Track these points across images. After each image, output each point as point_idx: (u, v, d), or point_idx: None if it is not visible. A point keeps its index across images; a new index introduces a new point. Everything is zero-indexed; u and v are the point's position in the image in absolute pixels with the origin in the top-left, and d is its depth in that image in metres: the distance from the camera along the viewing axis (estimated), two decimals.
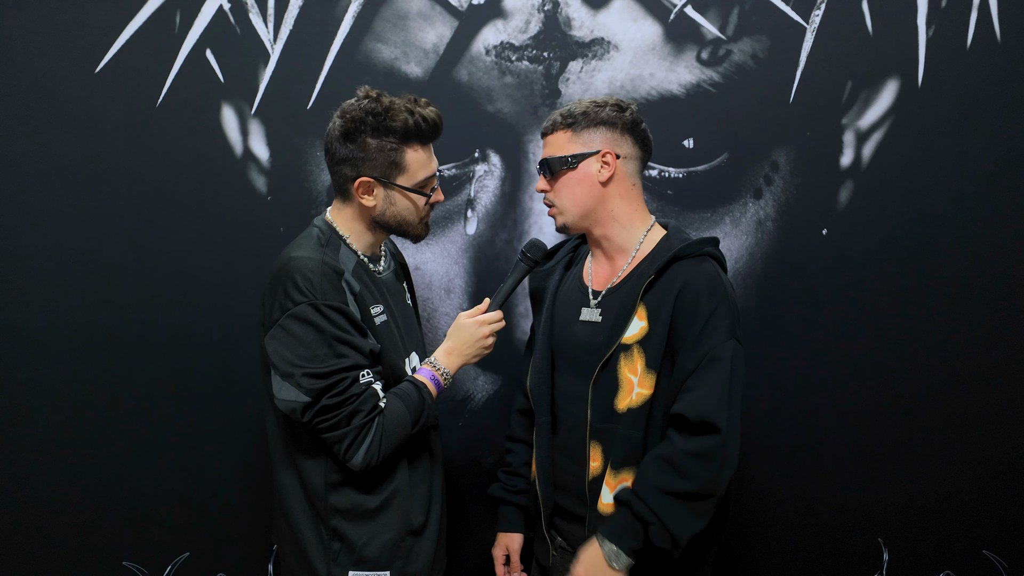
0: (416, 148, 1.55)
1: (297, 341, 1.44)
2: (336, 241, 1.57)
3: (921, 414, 2.05)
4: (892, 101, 1.99)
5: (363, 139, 1.51)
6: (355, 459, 1.47)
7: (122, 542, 2.10)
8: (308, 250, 1.52)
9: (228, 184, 2.04)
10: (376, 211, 1.57)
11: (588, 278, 1.69)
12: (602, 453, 1.58)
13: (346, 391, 1.45)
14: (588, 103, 1.62)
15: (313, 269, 1.46)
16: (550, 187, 1.64)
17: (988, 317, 2.02)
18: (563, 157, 1.60)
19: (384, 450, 1.48)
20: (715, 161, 2.03)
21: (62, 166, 2.01)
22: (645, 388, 1.54)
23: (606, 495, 1.57)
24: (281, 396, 1.47)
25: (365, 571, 1.55)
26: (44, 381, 2.05)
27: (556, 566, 1.70)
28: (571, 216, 1.62)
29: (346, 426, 1.45)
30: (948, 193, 2.00)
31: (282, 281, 1.47)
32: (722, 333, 1.49)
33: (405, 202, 1.57)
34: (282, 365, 1.45)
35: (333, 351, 1.45)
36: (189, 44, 2.00)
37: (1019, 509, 2.06)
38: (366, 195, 1.55)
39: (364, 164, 1.52)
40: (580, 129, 1.60)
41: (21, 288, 2.03)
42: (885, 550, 2.10)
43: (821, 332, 2.04)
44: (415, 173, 1.55)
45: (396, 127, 1.50)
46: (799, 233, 2.03)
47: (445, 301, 2.08)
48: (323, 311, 1.44)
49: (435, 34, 2.02)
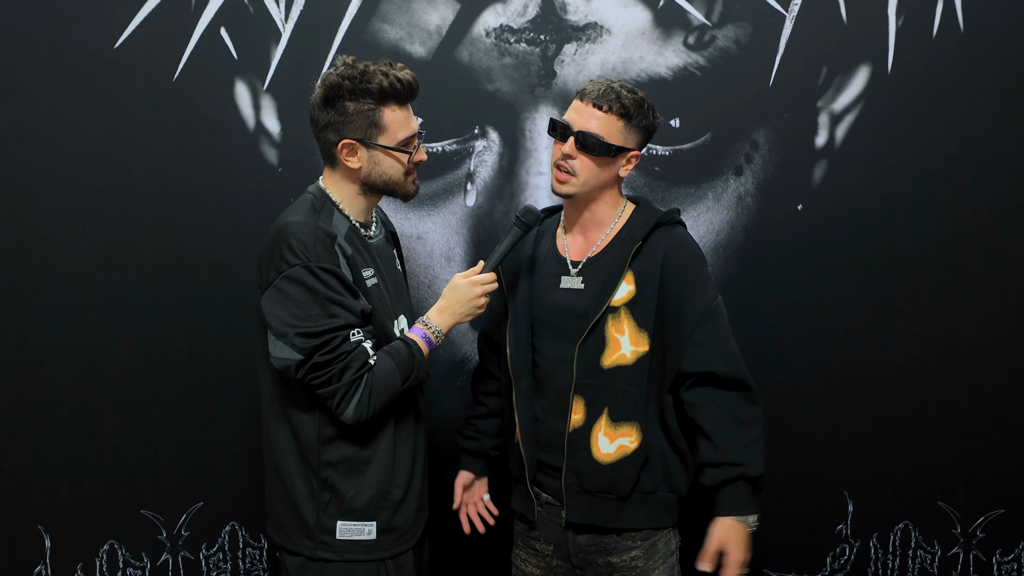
0: (394, 108, 1.60)
1: (291, 302, 1.51)
2: (329, 207, 1.63)
3: (883, 377, 2.18)
4: (864, 86, 2.12)
5: (342, 103, 1.57)
6: (346, 413, 1.53)
7: (140, 492, 2.20)
8: (302, 215, 1.58)
9: (241, 156, 2.14)
10: (362, 173, 1.62)
11: (565, 250, 1.79)
12: (584, 406, 1.70)
13: (336, 349, 1.51)
14: (641, 97, 1.65)
15: (307, 233, 1.53)
16: (576, 155, 1.64)
17: (947, 285, 2.15)
18: (610, 145, 1.63)
19: (374, 405, 1.55)
20: (699, 140, 2.15)
21: (83, 137, 2.09)
22: (640, 346, 1.67)
23: (605, 445, 1.69)
24: (276, 354, 1.53)
25: (353, 521, 1.62)
26: (65, 340, 2.14)
27: (542, 521, 1.80)
28: (583, 190, 1.68)
29: (337, 382, 1.52)
30: (914, 171, 2.13)
31: (278, 245, 1.53)
32: (712, 287, 1.68)
33: (389, 160, 1.62)
34: (277, 325, 1.52)
35: (325, 311, 1.51)
36: (204, 22, 2.09)
37: (969, 464, 2.20)
38: (351, 157, 1.61)
39: (345, 127, 1.58)
40: (631, 125, 1.65)
41: (42, 252, 2.12)
42: (850, 502, 2.24)
43: (795, 300, 2.17)
44: (395, 133, 1.61)
45: (372, 88, 1.56)
46: (776, 208, 2.16)
47: (446, 268, 2.21)
48: (316, 273, 1.50)
49: (438, 16, 2.13)
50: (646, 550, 1.71)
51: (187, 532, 2.23)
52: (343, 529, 1.63)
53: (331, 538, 1.63)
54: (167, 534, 2.23)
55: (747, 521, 1.65)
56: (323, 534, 1.63)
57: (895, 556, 2.25)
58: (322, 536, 1.63)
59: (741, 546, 1.65)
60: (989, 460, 2.21)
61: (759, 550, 2.23)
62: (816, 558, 2.26)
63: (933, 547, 2.25)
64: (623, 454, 1.69)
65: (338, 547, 1.63)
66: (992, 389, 2.18)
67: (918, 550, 2.25)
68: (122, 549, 2.22)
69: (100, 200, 2.12)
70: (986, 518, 2.23)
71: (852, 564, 2.26)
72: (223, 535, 2.25)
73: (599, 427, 1.69)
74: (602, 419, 1.69)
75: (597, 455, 1.70)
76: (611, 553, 1.71)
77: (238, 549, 2.27)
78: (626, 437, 1.68)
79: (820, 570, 2.26)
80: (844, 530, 2.25)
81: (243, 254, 2.13)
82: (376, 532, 1.64)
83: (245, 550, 2.27)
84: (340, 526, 1.62)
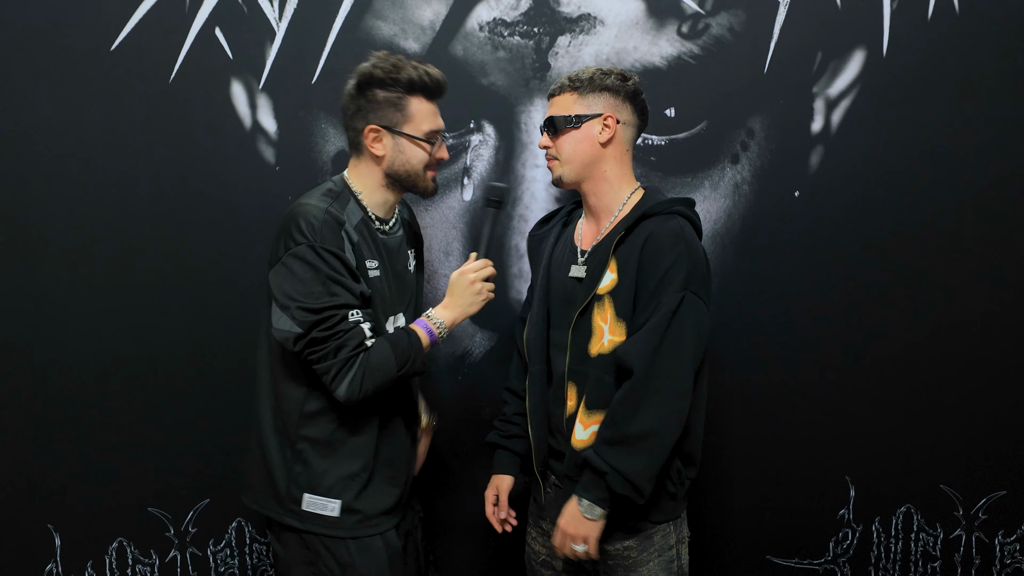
0: (421, 100, 1.69)
1: (296, 277, 1.59)
2: (347, 195, 1.71)
3: (882, 362, 2.19)
4: (859, 71, 2.12)
5: (372, 91, 1.67)
6: (339, 390, 1.60)
7: (147, 490, 2.23)
8: (316, 199, 1.66)
9: (238, 155, 2.15)
10: (386, 161, 1.70)
11: (578, 238, 1.83)
12: (576, 393, 1.73)
13: (334, 327, 1.59)
14: (595, 70, 1.73)
15: (316, 216, 1.61)
16: (552, 143, 1.75)
17: (946, 269, 2.15)
18: (568, 116, 1.72)
19: (367, 385, 1.60)
20: (695, 129, 2.15)
21: (81, 139, 2.11)
22: (617, 335, 1.67)
23: (580, 432, 1.70)
24: (277, 326, 1.61)
25: (319, 496, 1.70)
26: (68, 340, 2.16)
27: (551, 503, 1.83)
28: (568, 169, 1.74)
29: (332, 358, 1.59)
30: (910, 155, 2.12)
31: (288, 224, 1.62)
32: (676, 285, 1.59)
33: (413, 150, 1.70)
34: (281, 297, 1.60)
35: (327, 289, 1.59)
36: (199, 23, 2.11)
37: (970, 446, 2.21)
38: (376, 144, 1.69)
39: (373, 113, 1.67)
40: (586, 93, 1.72)
41: (43, 255, 2.14)
42: (852, 487, 2.25)
43: (793, 286, 2.17)
44: (420, 124, 1.69)
45: (402, 78, 1.66)
46: (773, 195, 2.16)
47: (444, 263, 2.22)
48: (320, 253, 1.59)
49: (431, 11, 2.13)
50: (640, 541, 1.72)
51: (194, 529, 2.26)
52: (309, 501, 1.70)
53: (297, 507, 1.71)
54: (175, 531, 2.26)
55: (581, 503, 1.63)
56: (291, 502, 1.71)
57: (898, 540, 2.26)
58: (290, 504, 1.71)
59: (566, 517, 1.66)
60: (990, 442, 2.21)
61: (762, 536, 2.26)
62: (819, 543, 2.27)
63: (935, 530, 2.25)
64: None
65: (303, 516, 1.71)
66: (992, 372, 2.19)
67: (920, 533, 2.26)
68: (131, 546, 2.25)
69: (99, 201, 2.14)
70: (988, 500, 2.23)
71: (855, 548, 2.27)
72: (230, 531, 2.28)
73: (579, 414, 1.71)
74: (581, 405, 1.71)
75: (574, 441, 1.71)
76: (604, 540, 1.72)
77: (245, 545, 2.29)
78: (597, 424, 1.68)
79: (823, 555, 2.28)
80: (846, 515, 2.26)
81: (242, 252, 2.15)
82: (339, 511, 1.70)
83: (252, 546, 2.30)
84: (307, 498, 1.70)
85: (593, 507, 1.63)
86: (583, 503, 1.64)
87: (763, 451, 2.24)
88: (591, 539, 1.64)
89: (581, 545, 1.65)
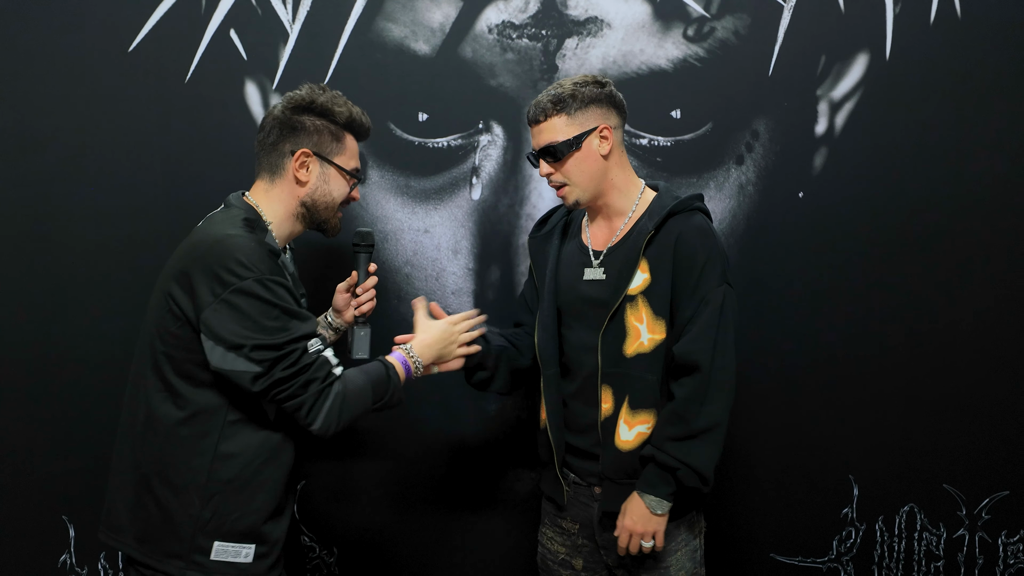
0: (351, 138, 1.69)
1: (244, 315, 1.46)
2: (262, 225, 1.61)
3: (886, 361, 2.20)
4: (862, 74, 2.14)
5: (311, 117, 1.63)
6: (315, 424, 1.52)
7: None
8: (239, 230, 1.54)
9: (252, 155, 2.17)
10: (308, 188, 1.63)
11: (588, 241, 1.84)
12: (612, 395, 1.74)
13: (298, 362, 1.49)
14: (569, 85, 1.71)
15: (253, 249, 1.50)
16: (555, 170, 1.73)
17: (948, 269, 2.17)
18: (567, 140, 1.69)
19: (344, 418, 1.53)
20: (700, 130, 2.18)
21: (98, 139, 2.16)
22: (657, 333, 1.70)
23: (624, 432, 1.73)
24: (224, 367, 1.47)
25: (231, 543, 1.55)
26: (84, 337, 2.20)
27: (571, 501, 1.84)
28: (583, 191, 1.74)
29: (304, 393, 1.50)
30: (913, 158, 2.15)
31: (220, 258, 1.48)
32: (715, 279, 1.67)
33: (338, 181, 1.66)
34: (231, 338, 1.46)
35: (282, 323, 1.49)
36: (214, 25, 2.15)
37: (975, 446, 2.22)
38: (302, 169, 1.62)
39: (307, 138, 1.62)
40: (574, 111, 1.70)
41: (59, 252, 2.18)
42: (855, 486, 2.26)
43: (797, 286, 2.19)
44: (349, 159, 1.68)
45: (340, 112, 1.65)
46: (777, 196, 2.18)
47: (453, 261, 2.25)
48: (268, 285, 1.48)
49: (441, 14, 2.17)
50: (668, 533, 1.74)
51: None
52: (219, 550, 1.55)
53: (205, 559, 1.54)
54: None
55: (646, 500, 1.67)
56: (197, 553, 1.54)
57: (901, 539, 2.28)
58: (195, 556, 1.54)
59: (633, 516, 1.68)
60: (994, 442, 2.22)
61: (765, 534, 2.27)
62: (822, 542, 2.28)
63: (938, 529, 2.27)
64: (641, 440, 1.72)
65: (211, 568, 1.54)
66: (996, 371, 2.20)
67: (924, 532, 2.27)
68: None
69: (114, 200, 2.18)
70: (991, 500, 2.25)
71: (858, 547, 2.28)
72: None
73: (622, 415, 1.73)
74: (624, 407, 1.73)
75: (619, 443, 1.74)
76: None
77: None
78: (644, 424, 1.72)
79: (826, 554, 2.29)
80: (850, 513, 2.27)
81: None
82: (253, 556, 1.57)
83: None
84: (217, 547, 1.55)
85: (662, 503, 1.67)
86: (650, 500, 1.67)
87: (767, 450, 2.25)
88: (660, 533, 1.69)
89: (649, 541, 1.69)
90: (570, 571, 1.86)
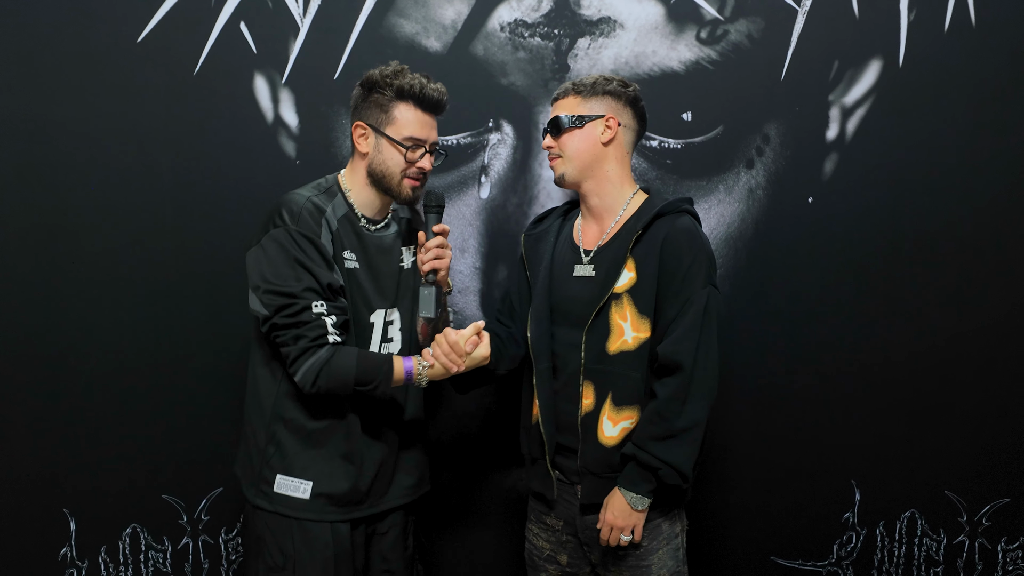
0: (410, 107, 1.73)
1: (268, 260, 1.65)
2: (335, 190, 1.78)
3: (890, 367, 2.21)
4: (875, 80, 2.14)
5: (369, 92, 1.75)
6: (296, 376, 1.66)
7: (161, 478, 2.25)
8: (304, 190, 1.75)
9: (260, 149, 2.17)
10: (368, 159, 1.76)
11: (579, 239, 1.86)
12: (594, 391, 1.77)
13: (296, 315, 1.64)
14: (598, 76, 1.81)
15: (298, 203, 1.69)
16: (555, 143, 1.81)
17: (955, 277, 2.18)
18: (571, 116, 1.78)
19: (321, 382, 1.64)
20: (711, 133, 2.18)
21: (107, 129, 2.14)
22: (641, 332, 1.73)
23: (608, 428, 1.75)
24: (251, 306, 1.69)
25: (291, 477, 1.74)
26: (89, 330, 2.19)
27: (557, 498, 1.86)
28: (571, 167, 1.79)
29: (292, 345, 1.65)
30: (924, 165, 2.15)
31: (272, 210, 1.69)
32: (700, 280, 1.70)
33: (391, 151, 1.73)
34: (253, 278, 1.68)
35: (294, 273, 1.64)
36: (224, 17, 2.13)
37: (976, 454, 2.24)
38: (361, 140, 1.76)
39: (362, 112, 1.75)
40: (588, 96, 1.78)
41: (66, 245, 2.16)
42: (857, 491, 2.27)
43: (804, 291, 2.20)
44: (401, 128, 1.73)
45: (396, 83, 1.72)
46: (787, 201, 2.18)
47: (460, 260, 2.25)
48: (294, 236, 1.65)
49: (453, 11, 2.16)
50: (650, 531, 1.77)
51: (207, 517, 2.29)
52: (280, 483, 1.74)
53: (269, 488, 1.75)
54: (187, 519, 2.28)
55: (627, 496, 1.71)
56: (263, 484, 1.75)
57: (901, 544, 2.29)
58: (262, 485, 1.76)
59: (614, 511, 1.72)
60: (995, 449, 2.23)
61: (766, 537, 2.28)
62: (823, 546, 2.29)
63: (939, 535, 2.28)
64: (625, 435, 1.75)
65: (274, 498, 1.74)
66: (999, 379, 2.21)
67: (924, 538, 2.28)
68: (144, 533, 2.27)
69: (122, 192, 2.16)
70: (991, 507, 2.26)
71: (859, 552, 2.29)
72: (242, 520, 2.30)
73: (604, 411, 1.76)
74: (607, 403, 1.75)
75: (602, 438, 1.76)
76: None
77: None
78: (628, 420, 1.75)
79: (827, 557, 2.30)
80: (851, 518, 2.28)
81: None
82: (311, 493, 1.73)
83: None
84: (279, 479, 1.74)
85: (642, 499, 1.71)
86: (630, 496, 1.71)
87: (769, 453, 2.26)
88: (639, 527, 1.74)
89: (628, 535, 1.73)
90: (556, 566, 1.89)
